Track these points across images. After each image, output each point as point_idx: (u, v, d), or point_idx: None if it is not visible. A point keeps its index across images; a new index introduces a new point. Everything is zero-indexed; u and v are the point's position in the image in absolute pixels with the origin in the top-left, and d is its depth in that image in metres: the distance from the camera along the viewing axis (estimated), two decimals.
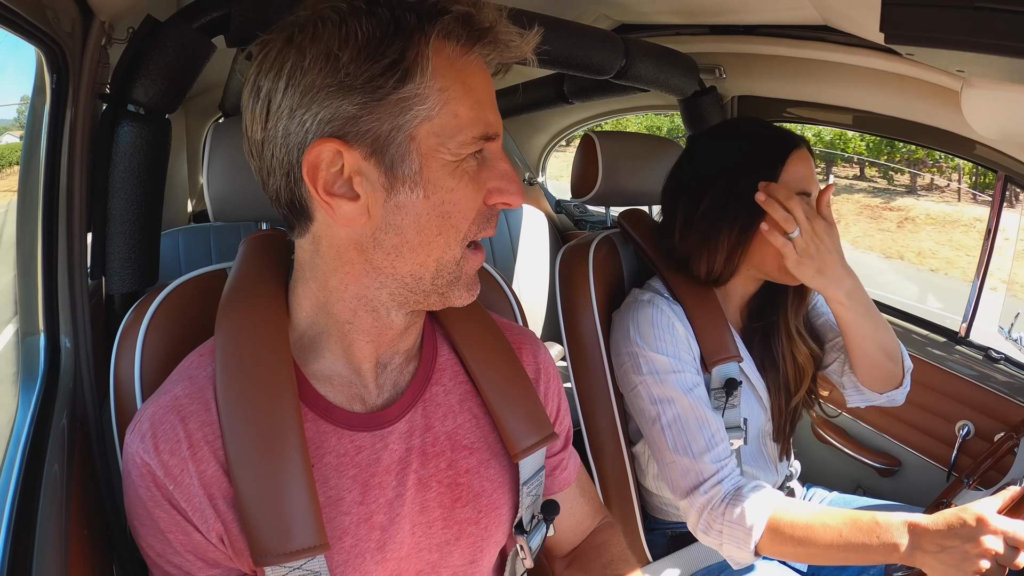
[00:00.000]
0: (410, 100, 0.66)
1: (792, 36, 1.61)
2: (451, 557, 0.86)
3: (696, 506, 1.22)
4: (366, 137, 0.67)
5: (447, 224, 0.71)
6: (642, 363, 1.28)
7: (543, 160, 3.20)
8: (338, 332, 0.78)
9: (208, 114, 3.14)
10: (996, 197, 1.69)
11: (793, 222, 1.17)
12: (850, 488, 1.70)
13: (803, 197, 1.21)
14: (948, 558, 0.95)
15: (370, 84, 0.65)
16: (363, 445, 0.79)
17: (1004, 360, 1.63)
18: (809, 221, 1.17)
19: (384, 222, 0.70)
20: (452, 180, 0.69)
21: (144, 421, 0.73)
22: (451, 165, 0.69)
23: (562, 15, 1.42)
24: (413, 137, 0.67)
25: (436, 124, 0.67)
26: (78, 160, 0.98)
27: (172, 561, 0.74)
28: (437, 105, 0.67)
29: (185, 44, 1.02)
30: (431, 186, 0.69)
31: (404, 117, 0.66)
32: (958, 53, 0.86)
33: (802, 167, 1.26)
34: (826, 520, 1.09)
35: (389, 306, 0.76)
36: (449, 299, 0.76)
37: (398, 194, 0.69)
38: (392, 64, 0.65)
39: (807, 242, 1.17)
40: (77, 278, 1.00)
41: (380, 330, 0.78)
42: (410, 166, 0.68)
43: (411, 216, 0.70)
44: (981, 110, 1.17)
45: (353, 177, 0.68)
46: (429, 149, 0.68)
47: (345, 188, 0.69)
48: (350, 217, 0.69)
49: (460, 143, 0.68)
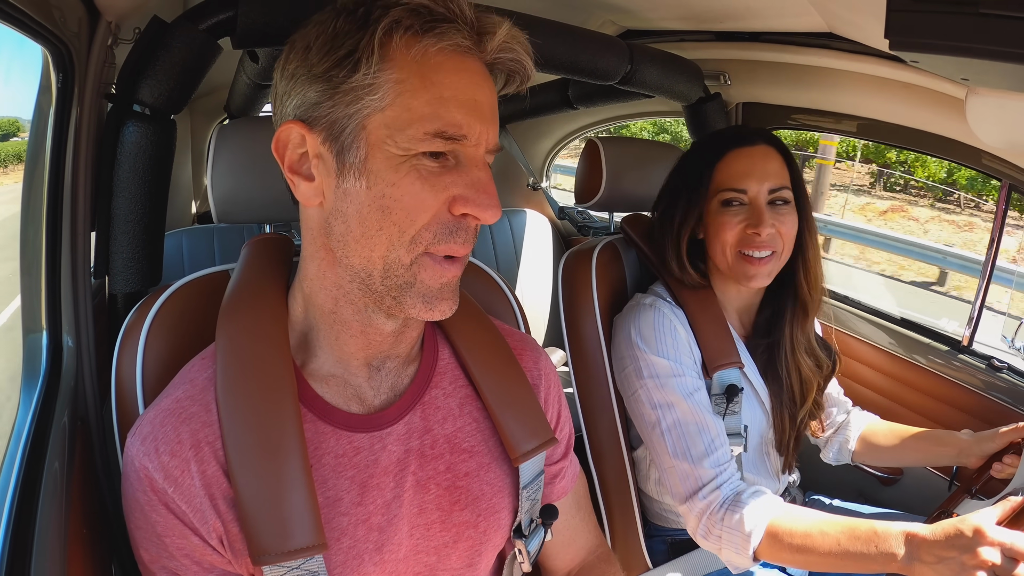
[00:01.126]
0: (360, 90, 0.68)
1: (797, 43, 1.61)
2: (449, 560, 0.86)
3: (695, 511, 1.21)
4: (324, 122, 0.70)
5: (387, 220, 0.70)
6: (643, 366, 1.28)
7: (547, 165, 3.20)
8: (326, 325, 0.79)
9: (213, 116, 3.15)
10: (999, 206, 1.69)
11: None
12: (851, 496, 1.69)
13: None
14: (945, 569, 0.94)
15: (328, 73, 0.68)
16: (361, 446, 0.79)
17: (1007, 369, 1.63)
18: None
19: (334, 207, 0.72)
20: (395, 175, 0.69)
21: (145, 425, 0.74)
22: (396, 159, 0.69)
23: (567, 20, 1.42)
24: (364, 126, 0.69)
25: (388, 115, 0.68)
26: (83, 160, 0.99)
27: (166, 566, 0.74)
28: (390, 96, 0.68)
29: (191, 45, 1.02)
30: (374, 177, 0.69)
31: (356, 106, 0.68)
32: (963, 60, 0.86)
33: (738, 165, 1.29)
34: (825, 528, 1.08)
35: (366, 303, 0.76)
36: (403, 307, 0.74)
37: (345, 181, 0.70)
38: (347, 55, 0.67)
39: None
40: (80, 277, 1.00)
41: (365, 329, 0.78)
42: (357, 154, 0.69)
43: (354, 205, 0.71)
44: (986, 118, 1.17)
45: (313, 160, 0.72)
46: (378, 140, 0.69)
47: (307, 169, 0.73)
48: (307, 196, 0.73)
49: (409, 137, 0.68)
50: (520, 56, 0.74)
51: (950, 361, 1.72)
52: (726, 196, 1.29)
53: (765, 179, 1.27)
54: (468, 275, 1.12)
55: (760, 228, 1.25)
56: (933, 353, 1.77)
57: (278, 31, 1.05)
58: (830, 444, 1.57)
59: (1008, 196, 1.65)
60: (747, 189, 1.27)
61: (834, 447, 1.57)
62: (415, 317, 0.76)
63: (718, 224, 1.30)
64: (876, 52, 1.43)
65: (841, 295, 2.08)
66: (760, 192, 1.27)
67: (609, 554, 1.09)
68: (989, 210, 12.50)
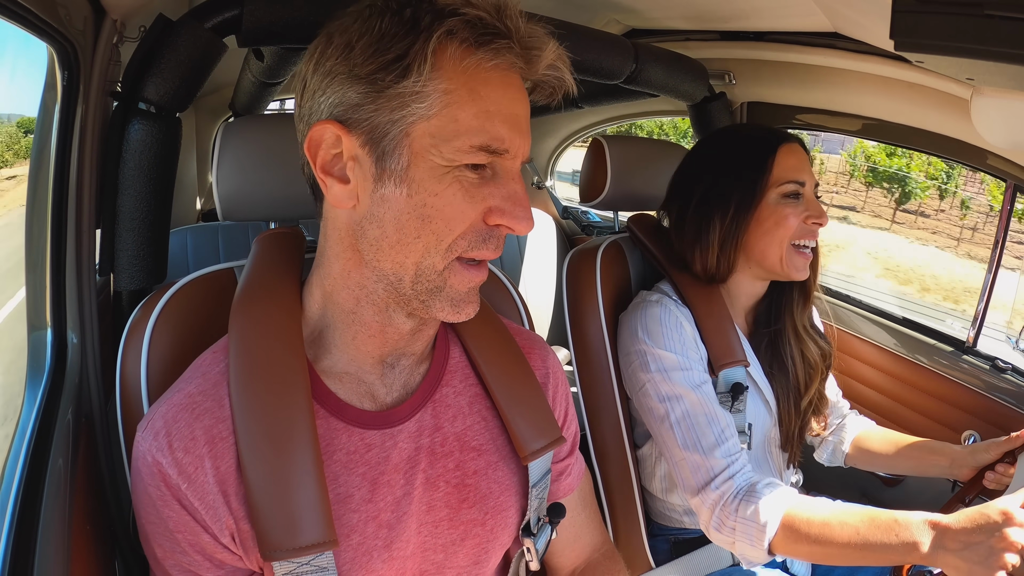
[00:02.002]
0: (408, 96, 0.67)
1: (802, 43, 1.61)
2: (456, 557, 0.86)
3: (708, 502, 1.21)
4: (364, 125, 0.69)
5: (426, 228, 0.70)
6: (650, 360, 1.28)
7: (551, 164, 3.19)
8: (343, 324, 0.79)
9: (218, 113, 3.15)
10: (1004, 207, 1.68)
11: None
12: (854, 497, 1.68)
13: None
14: (972, 555, 0.92)
15: (373, 76, 0.67)
16: (373, 443, 0.80)
17: (1011, 370, 1.62)
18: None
19: (369, 212, 0.72)
20: (438, 185, 0.69)
21: (157, 419, 0.73)
22: (440, 169, 0.69)
23: (573, 19, 1.42)
24: (408, 134, 0.68)
25: (433, 125, 0.68)
26: (88, 157, 0.99)
27: (178, 562, 0.74)
28: (437, 106, 0.67)
29: (197, 43, 1.03)
30: (415, 185, 0.69)
31: (401, 112, 0.68)
32: (968, 61, 0.86)
33: (792, 159, 1.30)
34: (843, 518, 1.07)
35: (388, 303, 0.76)
36: (431, 309, 0.75)
37: (384, 187, 0.70)
38: (396, 59, 0.66)
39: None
40: (85, 274, 1.00)
41: (384, 328, 0.78)
42: (399, 161, 0.69)
43: (392, 211, 0.70)
44: (991, 119, 1.17)
45: (348, 162, 0.71)
46: (421, 148, 0.68)
47: (340, 171, 0.72)
48: (339, 198, 0.72)
49: (455, 149, 0.68)
50: (564, 75, 0.74)
51: (954, 362, 1.72)
52: (788, 189, 1.29)
53: (811, 174, 1.32)
54: None
55: (823, 218, 1.30)
56: (937, 353, 1.76)
57: (283, 29, 1.05)
58: (825, 444, 1.58)
59: (1013, 196, 1.64)
60: (806, 182, 1.30)
61: (828, 448, 1.57)
62: (440, 319, 0.76)
63: (779, 216, 1.29)
64: (881, 52, 1.43)
65: (844, 295, 2.08)
66: (810, 186, 1.31)
67: (614, 552, 1.09)
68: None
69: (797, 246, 1.30)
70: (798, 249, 1.30)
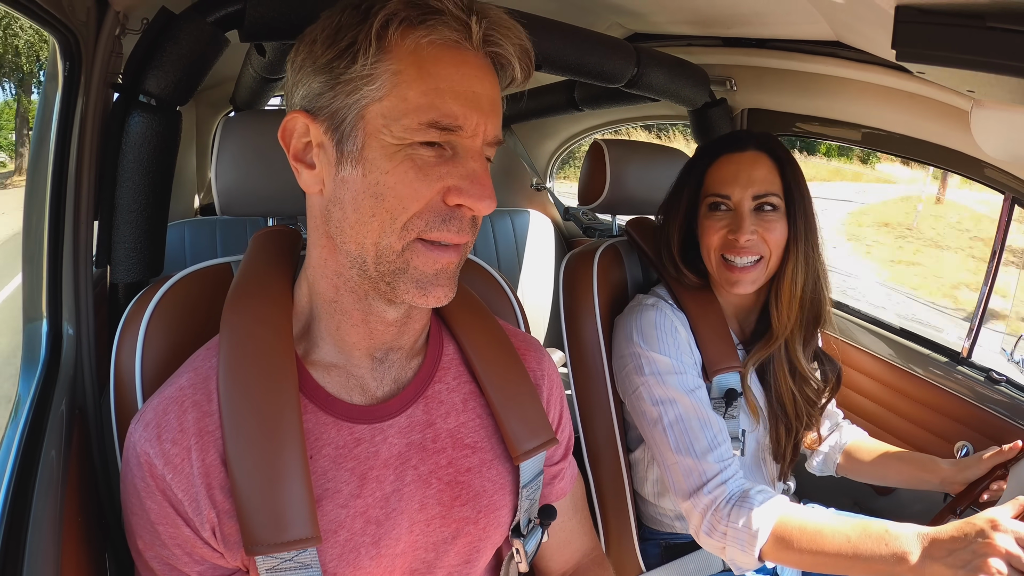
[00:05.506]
0: (359, 80, 0.69)
1: (804, 51, 1.61)
2: (447, 556, 0.86)
3: (700, 507, 1.21)
4: (326, 112, 0.72)
5: (380, 207, 0.71)
6: (644, 364, 1.28)
7: (552, 166, 3.20)
8: (327, 314, 0.79)
9: (219, 108, 3.15)
10: (1002, 219, 1.68)
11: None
12: (847, 505, 1.69)
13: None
14: (956, 560, 0.94)
15: (330, 64, 0.70)
16: (362, 437, 0.80)
17: (1006, 382, 1.62)
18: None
19: (333, 195, 0.73)
20: (389, 163, 0.70)
21: (149, 411, 0.74)
22: (391, 147, 0.70)
23: (575, 22, 1.42)
24: (362, 116, 0.70)
25: (384, 105, 0.69)
26: (88, 148, 0.99)
27: (158, 554, 0.75)
28: (387, 87, 0.69)
29: (199, 37, 1.03)
30: (368, 165, 0.70)
31: (355, 96, 0.70)
32: (969, 73, 0.86)
33: (725, 171, 1.30)
34: (835, 526, 1.08)
35: (367, 291, 0.77)
36: (398, 292, 0.74)
37: (343, 169, 0.72)
38: (348, 46, 0.69)
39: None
40: (82, 265, 1.00)
41: (366, 317, 0.79)
42: (354, 143, 0.70)
43: (351, 192, 0.72)
44: (990, 131, 1.17)
45: (315, 148, 0.73)
46: (374, 129, 0.70)
47: (309, 158, 0.74)
48: (308, 184, 0.75)
49: (404, 127, 0.69)
50: (505, 51, 0.73)
51: (949, 373, 1.72)
52: (711, 200, 1.31)
53: (750, 185, 1.27)
54: (469, 273, 1.12)
55: (738, 234, 1.25)
56: (932, 364, 1.76)
57: (285, 25, 1.05)
58: (815, 454, 1.57)
59: (1011, 208, 1.64)
60: (731, 195, 1.28)
61: (819, 457, 1.57)
62: (410, 303, 0.76)
63: (703, 228, 1.33)
64: (882, 62, 1.43)
65: (838, 303, 2.08)
66: (744, 198, 1.27)
67: (603, 558, 1.09)
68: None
69: (726, 260, 1.29)
70: (727, 263, 1.29)
